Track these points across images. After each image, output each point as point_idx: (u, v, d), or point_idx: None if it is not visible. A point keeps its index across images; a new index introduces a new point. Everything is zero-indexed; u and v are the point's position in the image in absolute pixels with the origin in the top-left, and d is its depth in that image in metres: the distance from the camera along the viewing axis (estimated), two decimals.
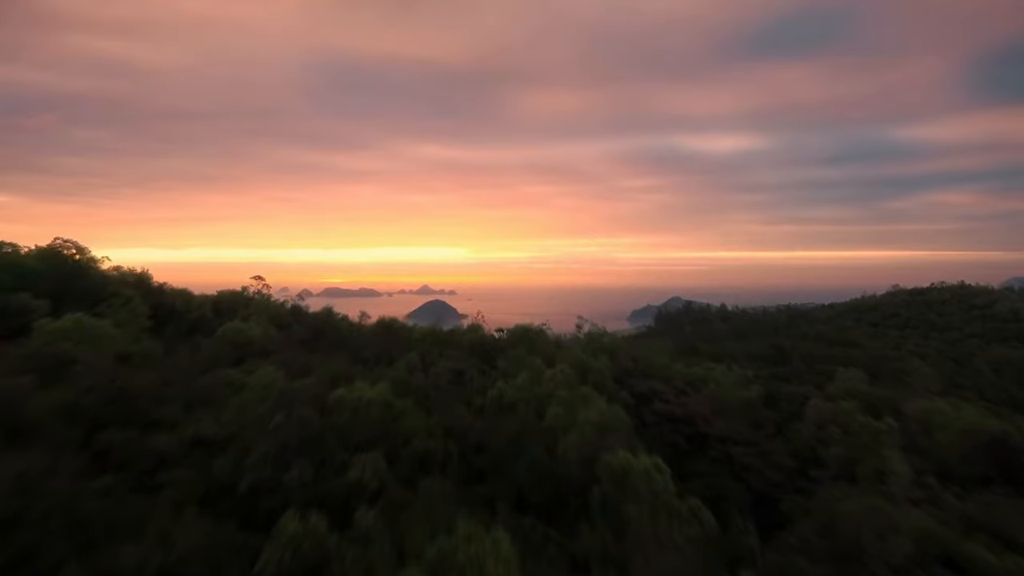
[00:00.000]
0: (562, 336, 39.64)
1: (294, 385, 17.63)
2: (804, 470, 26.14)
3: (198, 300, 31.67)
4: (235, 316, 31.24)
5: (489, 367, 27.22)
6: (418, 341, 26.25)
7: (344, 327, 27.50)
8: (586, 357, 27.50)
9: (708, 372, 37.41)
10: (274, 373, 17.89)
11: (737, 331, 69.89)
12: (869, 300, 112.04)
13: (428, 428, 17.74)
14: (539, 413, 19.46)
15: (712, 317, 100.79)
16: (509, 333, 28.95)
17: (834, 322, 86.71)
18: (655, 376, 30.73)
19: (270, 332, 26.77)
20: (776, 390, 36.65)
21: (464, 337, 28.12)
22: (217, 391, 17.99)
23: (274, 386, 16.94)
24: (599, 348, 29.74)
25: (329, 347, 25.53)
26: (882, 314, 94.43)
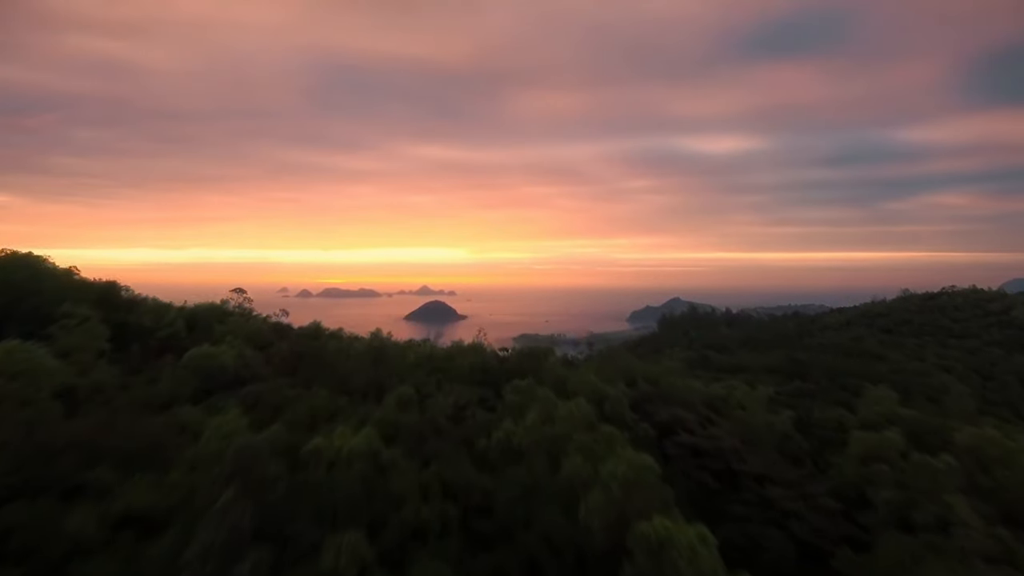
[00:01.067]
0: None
1: (261, 435, 14.59)
2: (849, 513, 23.07)
3: (170, 315, 28.53)
4: (211, 332, 28.26)
5: (494, 394, 24.23)
6: (413, 367, 23.17)
7: (331, 348, 24.36)
8: (601, 383, 24.49)
9: (730, 392, 34.37)
10: (236, 420, 14.82)
11: (748, 339, 66.63)
12: (879, 305, 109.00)
13: (422, 485, 14.75)
14: (554, 462, 16.42)
15: (717, 322, 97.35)
16: (515, 353, 26.00)
17: (845, 329, 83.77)
18: (675, 400, 27.70)
19: (246, 355, 23.67)
20: (806, 414, 33.57)
21: (464, 360, 25.03)
22: (169, 439, 14.94)
23: (235, 437, 13.92)
24: (615, 371, 26.76)
25: (312, 373, 22.43)
26: (894, 320, 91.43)
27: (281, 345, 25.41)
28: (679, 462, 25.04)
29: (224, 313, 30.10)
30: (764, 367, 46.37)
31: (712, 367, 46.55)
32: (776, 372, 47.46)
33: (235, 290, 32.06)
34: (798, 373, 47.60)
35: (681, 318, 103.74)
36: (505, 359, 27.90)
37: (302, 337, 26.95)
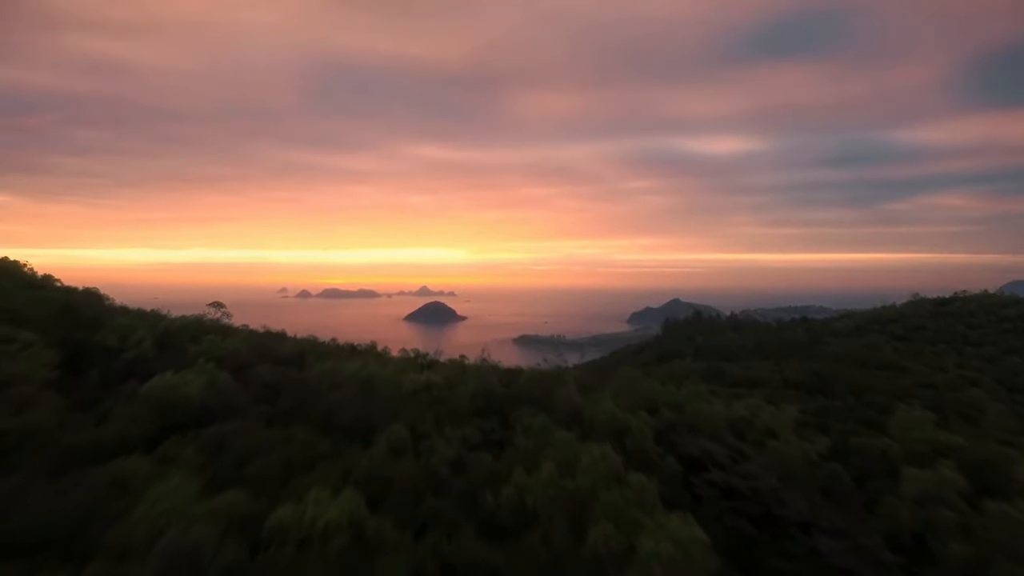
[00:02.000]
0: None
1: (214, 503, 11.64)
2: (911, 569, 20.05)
3: (138, 333, 25.53)
4: (184, 353, 25.30)
5: (500, 424, 21.27)
6: (408, 396, 20.12)
7: (317, 373, 21.27)
8: (620, 412, 21.49)
9: (755, 413, 31.52)
10: (185, 485, 11.85)
11: (759, 347, 63.56)
12: (890, 310, 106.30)
13: (416, 565, 11.85)
14: (577, 527, 13.51)
15: (723, 326, 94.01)
16: (524, 378, 22.94)
17: (856, 335, 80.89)
18: (702, 429, 24.78)
19: (219, 381, 20.65)
20: (842, 442, 30.77)
21: (466, 387, 22.00)
22: (100, 509, 11.99)
23: (178, 510, 10.98)
24: (636, 398, 23.75)
25: (293, 405, 19.43)
26: (906, 326, 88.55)
27: (261, 369, 22.35)
28: (710, 504, 22.14)
29: (201, 329, 27.14)
30: (783, 381, 43.49)
31: (726, 380, 43.59)
32: (796, 387, 44.59)
33: (212, 304, 29.00)
34: (820, 388, 44.78)
35: (685, 322, 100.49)
36: (512, 382, 24.91)
37: (283, 362, 23.78)
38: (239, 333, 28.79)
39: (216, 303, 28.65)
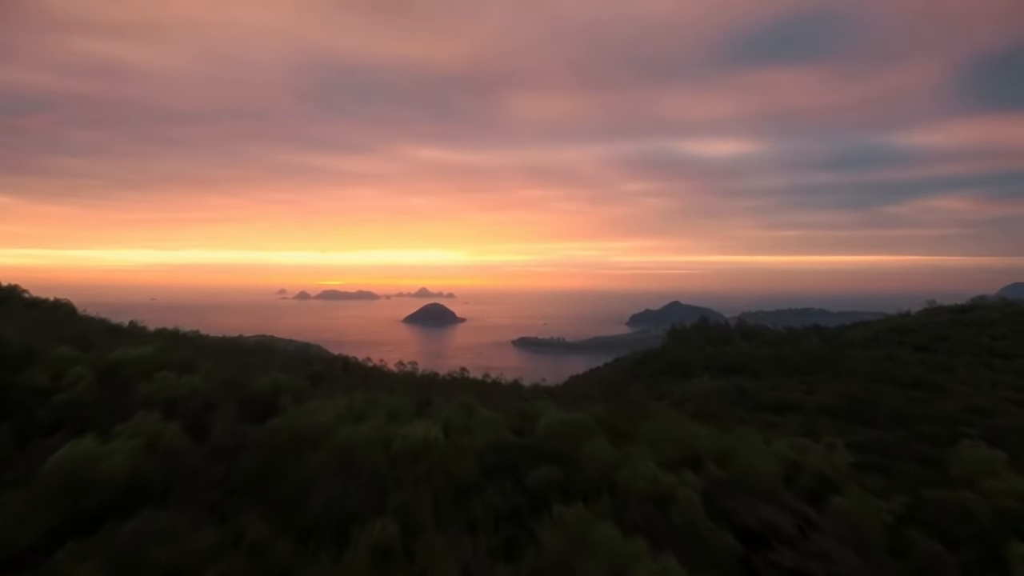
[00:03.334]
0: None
1: None
2: None
3: (76, 370, 20.98)
4: (132, 395, 20.78)
5: (513, 484, 16.91)
6: (399, 462, 15.61)
7: (286, 431, 16.73)
8: (662, 471, 17.24)
9: (803, 455, 27.22)
10: None
11: (776, 360, 58.52)
12: (907, 319, 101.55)
13: None
14: None
15: (731, 333, 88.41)
16: (543, 431, 18.31)
17: (874, 346, 76.31)
18: (758, 489, 20.47)
19: (158, 446, 16.11)
20: (914, 493, 26.53)
21: (474, 438, 17.47)
22: None
23: None
24: (676, 447, 19.46)
25: (249, 484, 15.00)
26: (927, 336, 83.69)
27: (219, 427, 17.81)
28: None
29: (157, 364, 22.46)
30: (817, 406, 38.93)
31: (751, 402, 38.89)
32: (832, 413, 40.01)
33: None
34: (859, 414, 40.27)
35: (692, 329, 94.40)
36: (527, 427, 20.35)
37: (253, 402, 18.98)
38: (205, 365, 24.11)
39: None
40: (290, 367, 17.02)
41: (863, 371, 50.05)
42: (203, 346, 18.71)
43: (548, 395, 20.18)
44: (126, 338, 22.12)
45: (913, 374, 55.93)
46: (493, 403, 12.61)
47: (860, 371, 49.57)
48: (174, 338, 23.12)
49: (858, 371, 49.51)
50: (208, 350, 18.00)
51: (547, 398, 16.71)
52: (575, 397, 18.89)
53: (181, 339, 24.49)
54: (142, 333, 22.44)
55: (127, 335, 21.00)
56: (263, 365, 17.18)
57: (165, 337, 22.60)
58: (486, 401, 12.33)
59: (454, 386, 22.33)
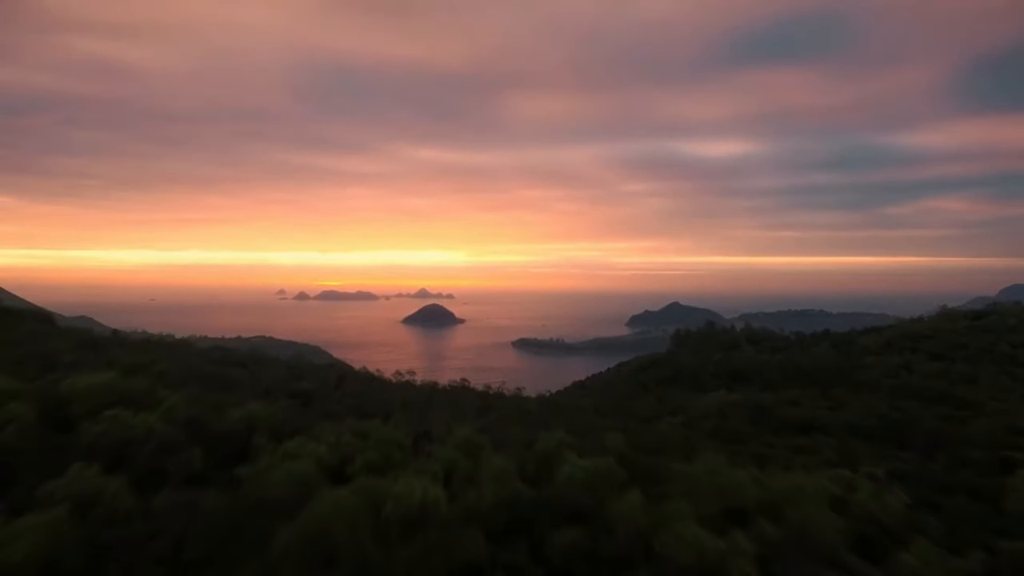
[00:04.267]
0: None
1: None
2: None
3: (12, 407, 17.05)
4: (77, 437, 17.19)
5: (529, 554, 14.19)
6: (390, 536, 12.86)
7: (249, 501, 13.38)
8: (706, 533, 14.65)
9: (850, 492, 24.07)
10: None
11: (790, 369, 56.16)
12: (921, 325, 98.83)
13: None
14: None
15: (738, 339, 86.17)
16: (565, 482, 15.22)
17: (888, 353, 73.87)
18: (815, 547, 17.71)
19: (105, 506, 13.06)
20: (989, 550, 23.31)
21: (481, 494, 14.40)
22: None
23: None
24: (716, 497, 17.02)
25: (206, 565, 12.24)
26: (943, 344, 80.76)
27: (171, 480, 15.11)
28: None
29: (113, 396, 18.40)
30: (846, 426, 36.00)
31: (773, 420, 36.12)
32: (863, 434, 36.17)
33: None
34: (893, 435, 36.72)
35: (699, 336, 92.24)
36: (543, 476, 16.89)
37: (222, 442, 15.51)
38: (172, 394, 20.73)
39: None
40: (277, 385, 14.82)
41: (884, 384, 46.88)
42: (184, 364, 16.03)
43: (556, 410, 18.09)
44: (104, 352, 19.18)
45: (937, 387, 51.94)
46: (501, 430, 10.43)
47: (881, 384, 46.41)
48: (159, 350, 20.40)
49: (879, 384, 46.33)
50: (185, 370, 15.16)
51: (559, 425, 14.54)
52: (586, 419, 16.77)
53: (167, 350, 21.65)
54: (125, 344, 20.03)
55: (106, 348, 18.46)
56: (246, 386, 14.85)
57: (149, 350, 19.94)
58: (493, 430, 10.25)
59: (455, 398, 20.26)
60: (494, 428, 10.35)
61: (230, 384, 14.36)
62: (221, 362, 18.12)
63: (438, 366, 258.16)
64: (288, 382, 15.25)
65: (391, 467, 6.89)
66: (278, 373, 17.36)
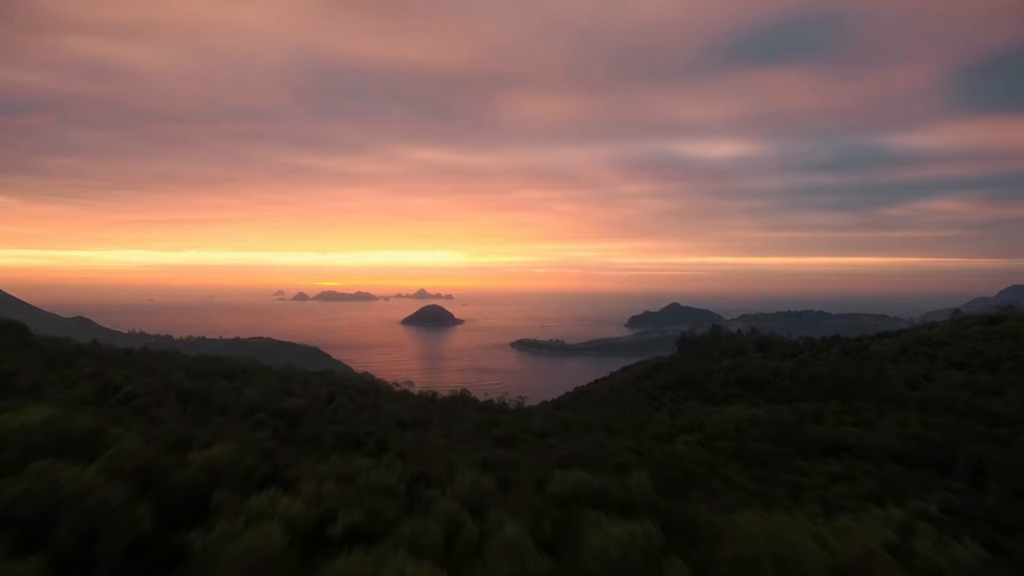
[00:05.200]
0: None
1: None
2: None
3: None
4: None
5: None
6: None
7: None
8: None
9: (906, 535, 22.03)
10: None
11: (810, 379, 54.24)
12: (935, 330, 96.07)
13: None
14: None
15: (746, 344, 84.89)
16: (596, 558, 12.03)
17: (905, 361, 71.67)
18: None
19: None
20: None
21: None
22: None
23: None
24: (774, 561, 15.06)
25: None
26: (961, 350, 77.89)
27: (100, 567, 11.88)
28: None
29: (50, 439, 15.77)
30: (881, 448, 31.05)
31: (798, 440, 31.60)
32: (900, 458, 31.76)
33: None
34: (933, 459, 33.06)
35: (704, 341, 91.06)
36: (565, 551, 13.23)
37: (175, 503, 12.11)
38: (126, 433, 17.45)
39: None
40: (264, 402, 13.40)
41: (909, 397, 43.50)
42: (163, 380, 13.48)
43: (564, 428, 16.86)
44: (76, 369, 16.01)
45: (964, 399, 48.96)
46: (507, 462, 9.13)
47: (906, 397, 43.00)
48: (140, 363, 18.04)
49: (904, 397, 42.84)
50: (163, 388, 12.65)
51: (570, 448, 13.36)
52: (597, 440, 15.38)
53: (150, 362, 18.99)
54: (103, 356, 18.40)
55: (80, 362, 15.71)
56: (229, 405, 12.97)
57: (128, 363, 17.62)
58: (498, 464, 9.00)
59: (455, 413, 18.85)
60: (499, 461, 9.20)
61: (211, 401, 13.11)
62: (206, 374, 16.86)
63: (437, 367, 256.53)
64: (276, 398, 14.05)
65: (381, 528, 5.83)
66: (266, 387, 16.20)
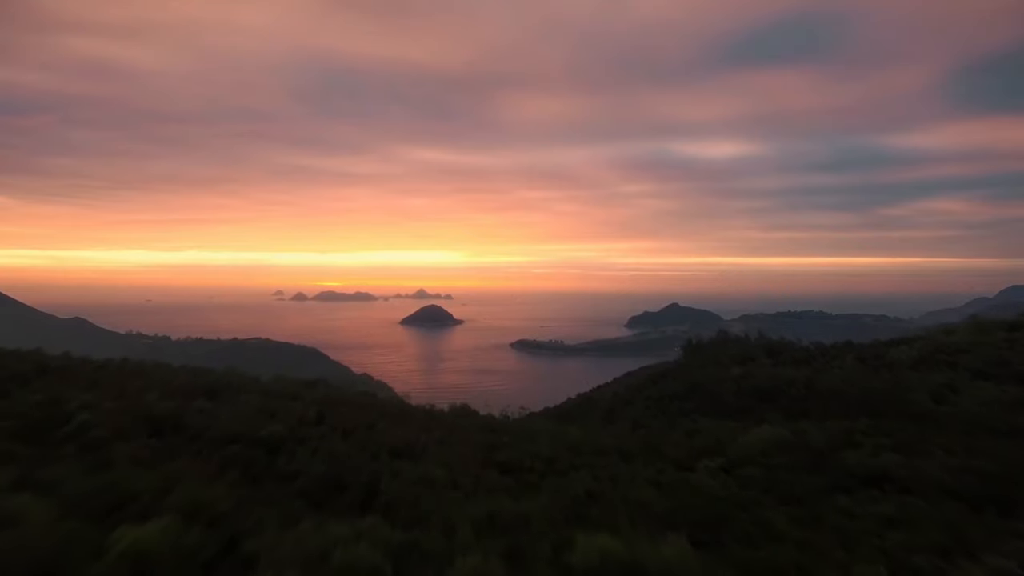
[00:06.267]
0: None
1: None
2: None
3: None
4: None
5: None
6: None
7: None
8: None
9: None
10: None
11: (821, 388, 51.56)
12: (954, 337, 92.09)
13: None
14: None
15: (755, 350, 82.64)
16: None
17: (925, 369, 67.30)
18: None
19: None
20: None
21: None
22: None
23: None
24: None
25: None
26: (983, 359, 73.01)
27: None
28: None
29: None
30: (932, 481, 25.62)
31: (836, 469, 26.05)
32: (955, 493, 26.81)
33: None
34: (991, 495, 28.37)
35: (712, 347, 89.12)
36: None
37: None
38: (32, 508, 12.76)
39: None
40: (241, 427, 11.42)
41: (942, 414, 37.70)
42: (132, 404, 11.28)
43: (575, 453, 15.28)
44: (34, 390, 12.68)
45: (1002, 416, 45.98)
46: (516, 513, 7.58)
47: (940, 415, 36.80)
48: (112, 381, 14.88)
49: (938, 416, 36.59)
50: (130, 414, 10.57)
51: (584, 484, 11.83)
52: (613, 470, 13.81)
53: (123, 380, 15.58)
54: (72, 372, 16.28)
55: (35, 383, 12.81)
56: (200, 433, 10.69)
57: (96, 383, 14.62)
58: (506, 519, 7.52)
59: (455, 435, 17.17)
60: (506, 513, 7.67)
61: (182, 428, 11.41)
62: (185, 392, 15.28)
63: (436, 368, 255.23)
64: (256, 422, 12.39)
65: None
66: (247, 408, 14.67)
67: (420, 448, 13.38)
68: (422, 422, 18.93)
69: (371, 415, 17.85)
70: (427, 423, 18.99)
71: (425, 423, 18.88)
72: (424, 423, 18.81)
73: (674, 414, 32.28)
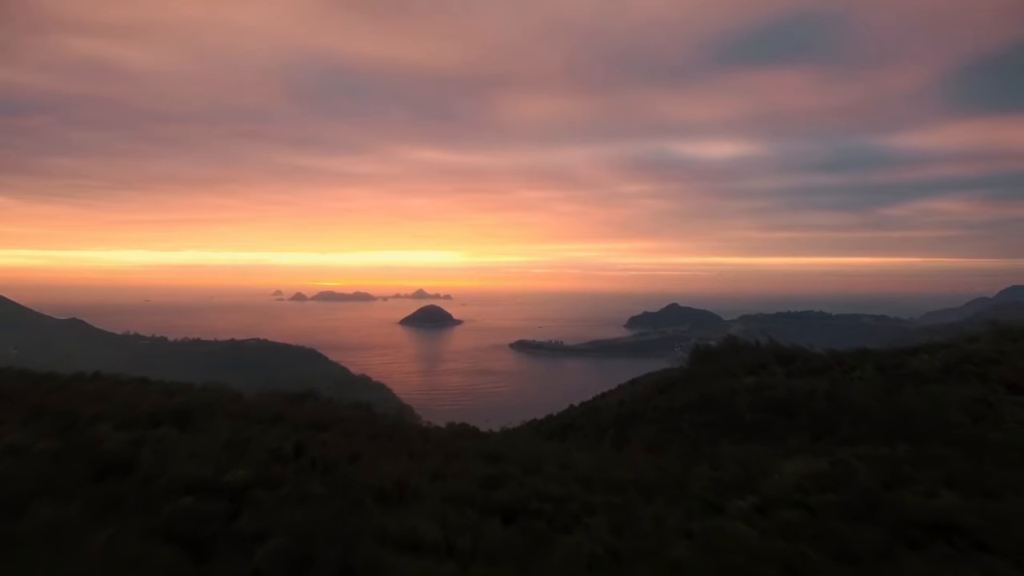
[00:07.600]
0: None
1: None
2: None
3: None
4: None
5: None
6: None
7: None
8: None
9: None
10: None
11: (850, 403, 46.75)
12: (979, 345, 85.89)
13: None
14: None
15: (766, 356, 79.25)
16: None
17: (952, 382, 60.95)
18: None
19: None
20: None
21: None
22: None
23: None
24: None
25: None
26: (1015, 370, 65.75)
27: None
28: None
29: None
30: (1014, 536, 18.75)
31: (893, 515, 17.87)
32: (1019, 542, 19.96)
33: None
34: None
35: (721, 353, 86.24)
36: None
37: None
38: None
39: None
40: (201, 468, 9.42)
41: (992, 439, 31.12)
42: (82, 440, 9.39)
43: (589, 489, 13.48)
44: None
45: None
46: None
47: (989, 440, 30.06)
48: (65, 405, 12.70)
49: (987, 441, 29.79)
50: (73, 457, 8.79)
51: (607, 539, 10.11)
52: (634, 512, 11.83)
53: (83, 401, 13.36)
54: (37, 392, 14.11)
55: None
56: (157, 483, 8.85)
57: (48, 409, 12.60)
58: None
59: (454, 463, 15.50)
60: None
61: (131, 473, 8.98)
62: (148, 419, 13.39)
63: (436, 369, 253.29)
64: (221, 461, 10.24)
65: None
66: (217, 439, 12.84)
67: (410, 485, 11.80)
68: (415, 447, 17.27)
69: (357, 442, 16.14)
70: (421, 448, 17.35)
71: (419, 448, 17.23)
72: (417, 448, 17.16)
73: (689, 432, 30.37)
